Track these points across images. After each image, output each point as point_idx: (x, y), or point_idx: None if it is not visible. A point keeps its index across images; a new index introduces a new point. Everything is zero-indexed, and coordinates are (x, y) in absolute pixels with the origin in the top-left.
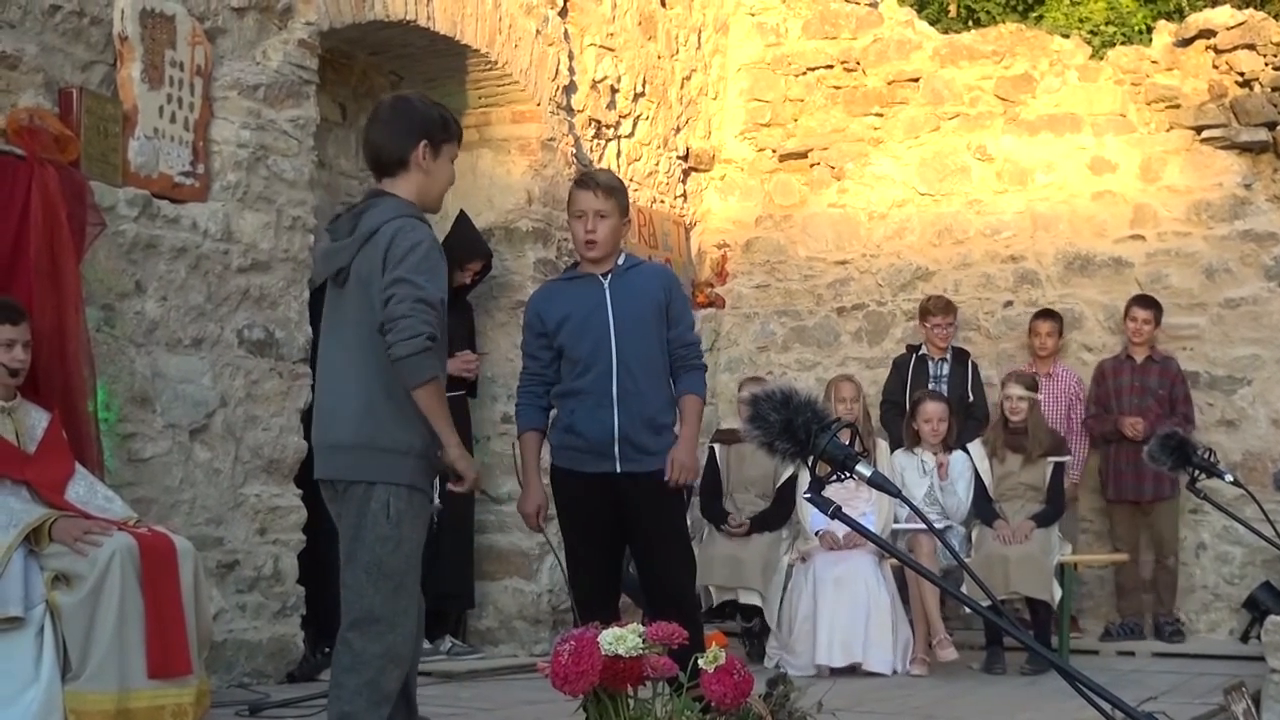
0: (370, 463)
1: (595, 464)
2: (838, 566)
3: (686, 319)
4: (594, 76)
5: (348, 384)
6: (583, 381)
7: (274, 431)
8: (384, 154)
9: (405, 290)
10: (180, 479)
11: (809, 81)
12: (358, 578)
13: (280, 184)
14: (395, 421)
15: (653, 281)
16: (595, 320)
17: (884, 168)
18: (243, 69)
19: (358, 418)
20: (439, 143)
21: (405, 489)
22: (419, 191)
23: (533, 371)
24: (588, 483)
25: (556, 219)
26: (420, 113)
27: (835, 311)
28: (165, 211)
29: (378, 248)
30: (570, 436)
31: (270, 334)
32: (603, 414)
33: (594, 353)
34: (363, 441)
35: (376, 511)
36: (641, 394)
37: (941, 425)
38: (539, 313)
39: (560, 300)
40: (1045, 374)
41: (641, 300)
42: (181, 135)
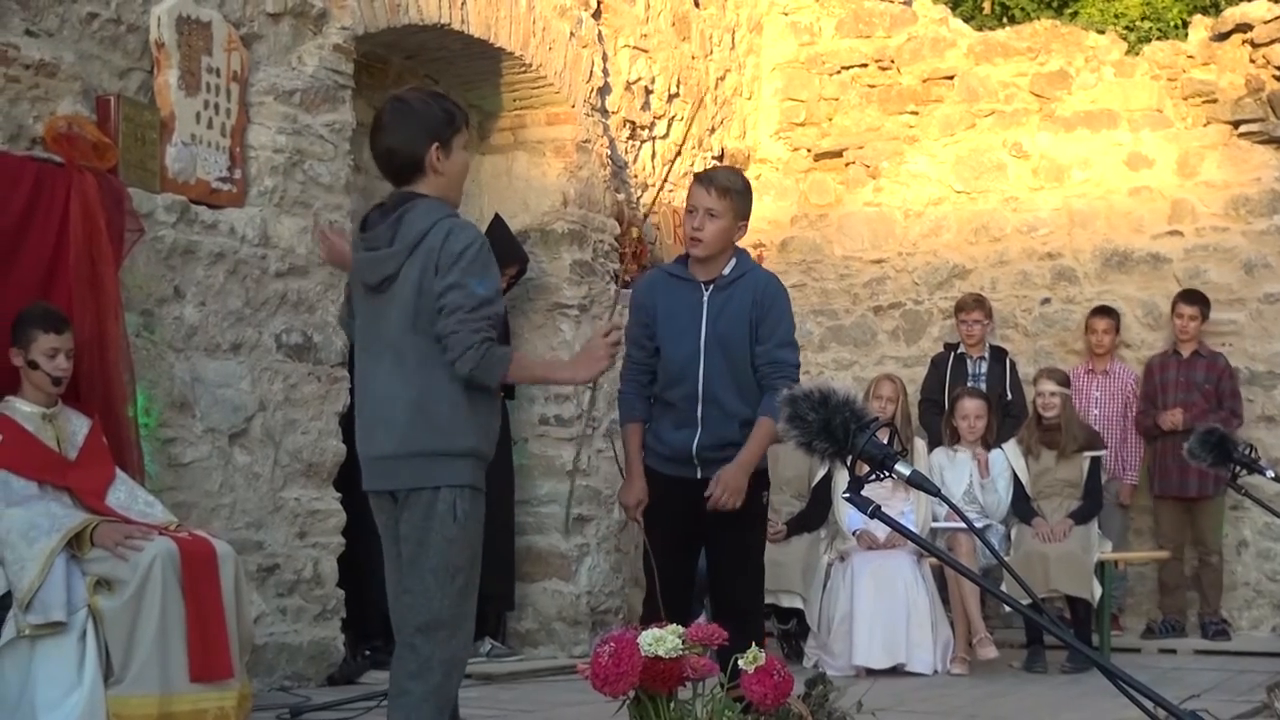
0: (432, 468)
1: (677, 469)
2: (876, 566)
3: (780, 334)
4: (628, 78)
5: (397, 392)
6: (672, 395)
7: (312, 435)
8: (397, 161)
9: (455, 298)
10: (220, 483)
11: (843, 80)
12: (424, 581)
13: (317, 188)
14: (451, 425)
15: (748, 295)
16: (688, 333)
17: (919, 166)
18: (278, 74)
19: (411, 425)
20: (449, 140)
21: (469, 490)
22: (440, 192)
23: (637, 360)
24: (672, 483)
25: (592, 221)
26: (423, 114)
27: (872, 310)
28: (203, 217)
29: (430, 251)
30: (655, 441)
31: (308, 338)
32: (686, 433)
33: (683, 368)
34: (420, 449)
35: (444, 513)
36: (726, 416)
37: (979, 422)
38: (643, 302)
39: (663, 298)
40: (1102, 371)
41: (735, 318)
42: (218, 141)
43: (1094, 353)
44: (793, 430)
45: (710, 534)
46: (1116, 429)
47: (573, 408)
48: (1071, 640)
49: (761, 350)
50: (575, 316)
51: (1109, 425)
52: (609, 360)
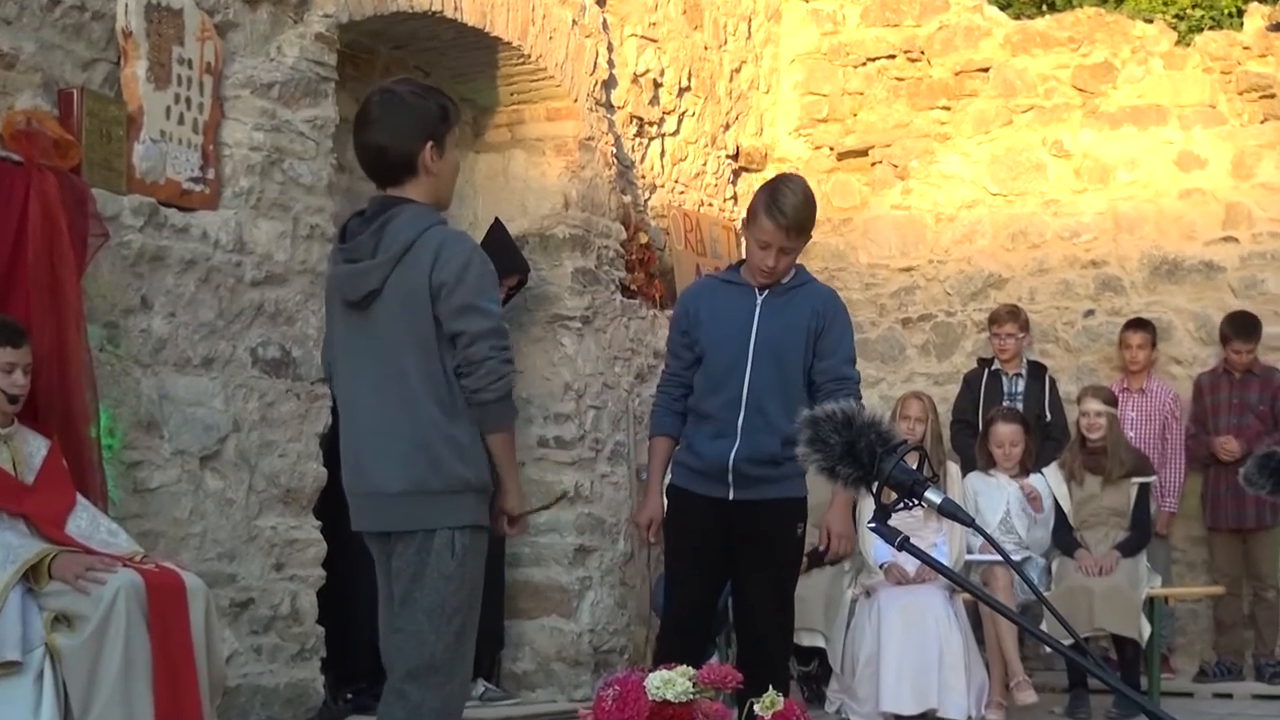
0: (428, 509)
1: (708, 487)
2: (905, 602)
3: (844, 350)
4: (635, 70)
5: (390, 421)
6: (710, 404)
7: (291, 458)
8: (387, 160)
9: (478, 324)
10: (190, 510)
11: (869, 73)
12: (418, 622)
13: (297, 189)
14: (451, 456)
15: (808, 304)
16: (737, 337)
17: (952, 166)
18: (256, 66)
19: (407, 458)
20: (443, 137)
21: (468, 528)
22: (431, 195)
23: (674, 372)
24: (700, 504)
25: (596, 225)
26: (417, 109)
27: (900, 323)
28: (173, 220)
29: (419, 265)
30: (688, 455)
31: (287, 352)
32: (723, 444)
33: (728, 373)
34: (416, 486)
35: (441, 549)
36: (770, 428)
37: (1015, 449)
38: (687, 310)
39: (710, 302)
40: (1138, 390)
41: (791, 325)
42: (190, 138)
43: (1129, 370)
44: (814, 454)
45: (740, 568)
46: (1154, 452)
47: (574, 428)
48: (1118, 684)
49: (825, 366)
50: (578, 329)
51: (1145, 448)
52: (517, 533)
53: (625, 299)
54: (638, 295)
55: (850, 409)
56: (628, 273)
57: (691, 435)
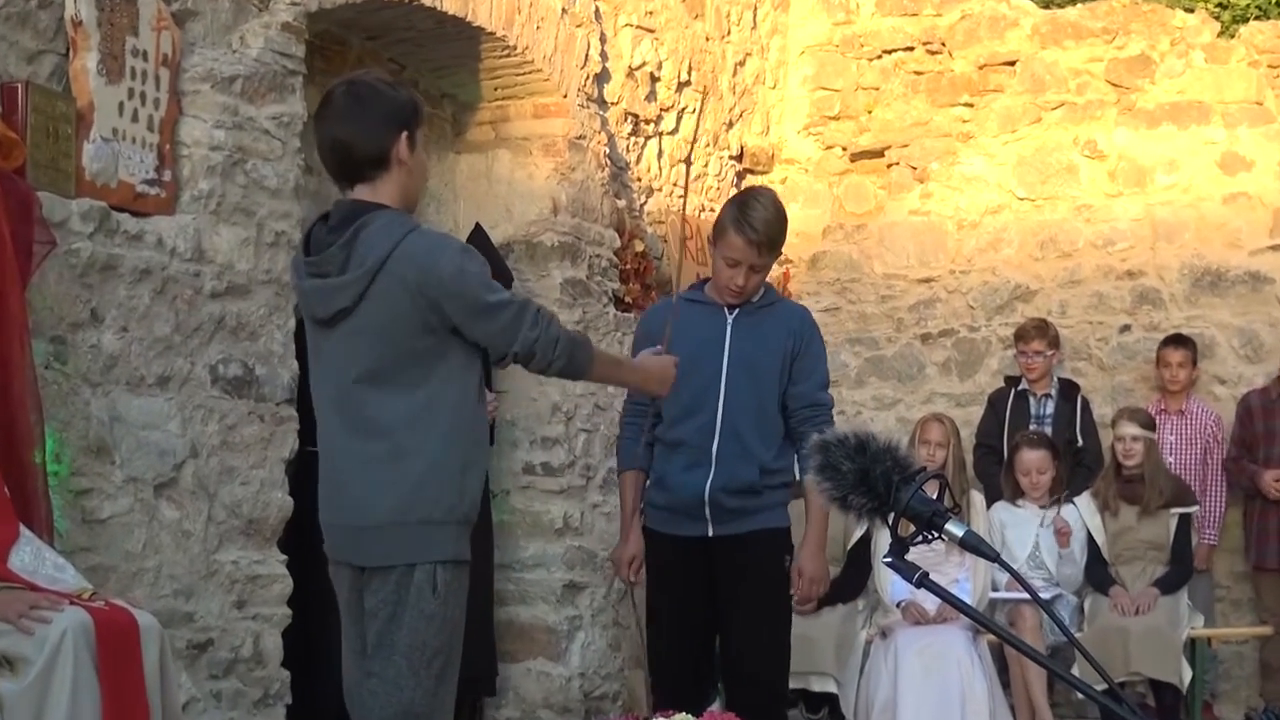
0: (409, 542)
1: (686, 526)
2: (925, 644)
3: (819, 375)
4: (630, 63)
5: (360, 448)
6: (681, 431)
7: (254, 486)
8: (357, 155)
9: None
10: (143, 543)
11: (885, 66)
12: (395, 666)
13: (261, 193)
14: (434, 483)
15: (782, 324)
16: (708, 358)
17: (975, 167)
18: (217, 58)
19: (381, 488)
20: (415, 131)
21: (450, 563)
22: (402, 193)
23: (638, 401)
24: (679, 546)
25: (587, 231)
26: (390, 99)
27: (919, 339)
28: (126, 226)
29: (401, 279)
30: (660, 492)
31: (249, 370)
32: (696, 474)
33: (699, 397)
34: (397, 516)
35: (421, 584)
36: (747, 455)
37: (1043, 477)
38: (649, 332)
39: (677, 323)
40: (1177, 411)
41: (766, 346)
42: (145, 137)
43: (1167, 390)
44: (824, 482)
45: (726, 608)
46: (1193, 480)
47: (563, 453)
48: None
49: (800, 391)
50: None
51: (1183, 475)
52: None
53: (619, 313)
54: (633, 309)
55: (864, 433)
56: (622, 284)
57: (661, 469)
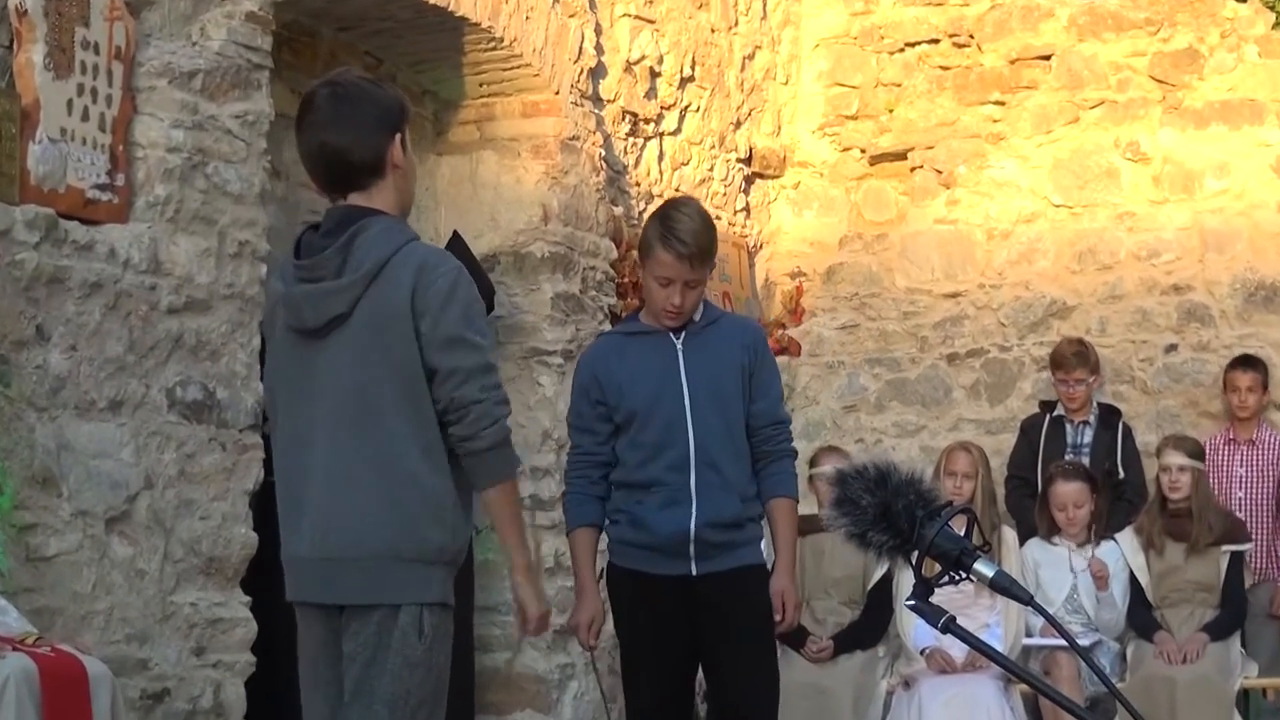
0: (395, 579)
1: (665, 565)
2: (952, 694)
3: (775, 390)
4: (628, 56)
5: (353, 471)
6: (653, 470)
7: (215, 520)
8: (352, 162)
9: (466, 359)
10: (93, 583)
11: (908, 60)
12: (376, 715)
13: (223, 199)
14: (427, 517)
15: (734, 340)
16: (667, 391)
17: (1007, 171)
18: (175, 51)
19: (371, 517)
20: (405, 131)
21: (437, 606)
22: (398, 199)
23: (586, 450)
24: (656, 585)
25: (581, 241)
26: (379, 100)
27: (945, 359)
28: (75, 236)
29: (397, 286)
30: (634, 531)
31: (210, 394)
32: (678, 512)
33: (666, 434)
34: (381, 550)
35: (406, 627)
36: (726, 485)
37: (1080, 512)
38: (595, 375)
39: (621, 361)
40: (1247, 441)
41: (723, 365)
42: (96, 137)
43: (1236, 416)
44: (842, 518)
45: (710, 652)
46: (1266, 515)
47: (554, 485)
48: None
49: (760, 409)
50: (559, 366)
51: (1255, 510)
52: (540, 631)
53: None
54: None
55: (885, 463)
56: (619, 299)
57: (630, 509)
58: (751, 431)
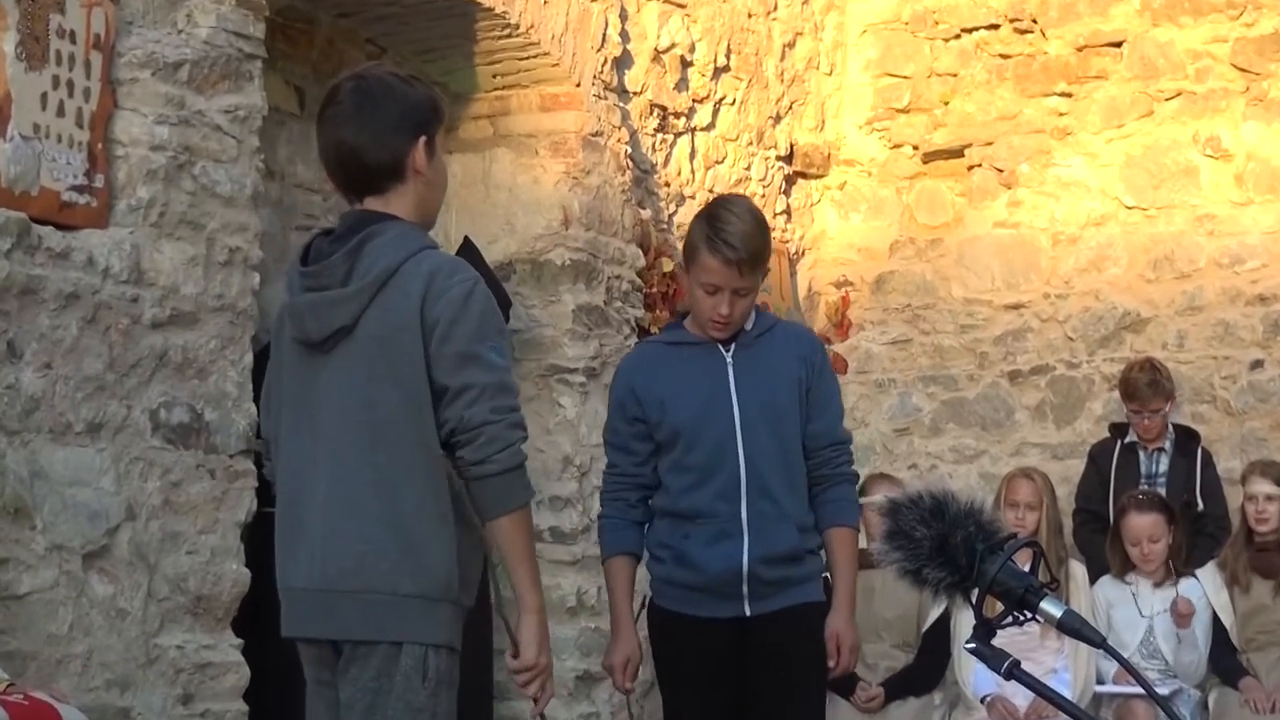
0: (397, 615)
1: (715, 606)
2: None
3: (834, 406)
4: (657, 44)
5: (355, 496)
6: (698, 499)
7: (203, 555)
8: (368, 162)
9: (479, 377)
10: (70, 624)
11: (964, 48)
12: None
13: (212, 201)
14: (435, 550)
15: (790, 351)
16: (715, 409)
17: (1074, 170)
18: (159, 40)
19: (372, 546)
20: (434, 135)
21: (444, 649)
22: (418, 207)
23: (622, 471)
24: (706, 629)
25: (605, 248)
26: (405, 96)
27: (1006, 377)
28: (50, 242)
29: (407, 297)
30: (680, 570)
31: (198, 415)
32: (728, 545)
33: (714, 457)
34: (381, 582)
35: (409, 670)
36: (781, 515)
37: (1156, 547)
38: (633, 388)
39: (663, 373)
40: None
41: (777, 380)
42: (73, 134)
43: None
44: (894, 552)
45: (760, 695)
46: None
47: (575, 516)
48: None
49: (818, 428)
50: (581, 385)
51: None
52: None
53: None
54: None
55: (941, 492)
56: (646, 311)
57: (675, 544)
58: (808, 453)
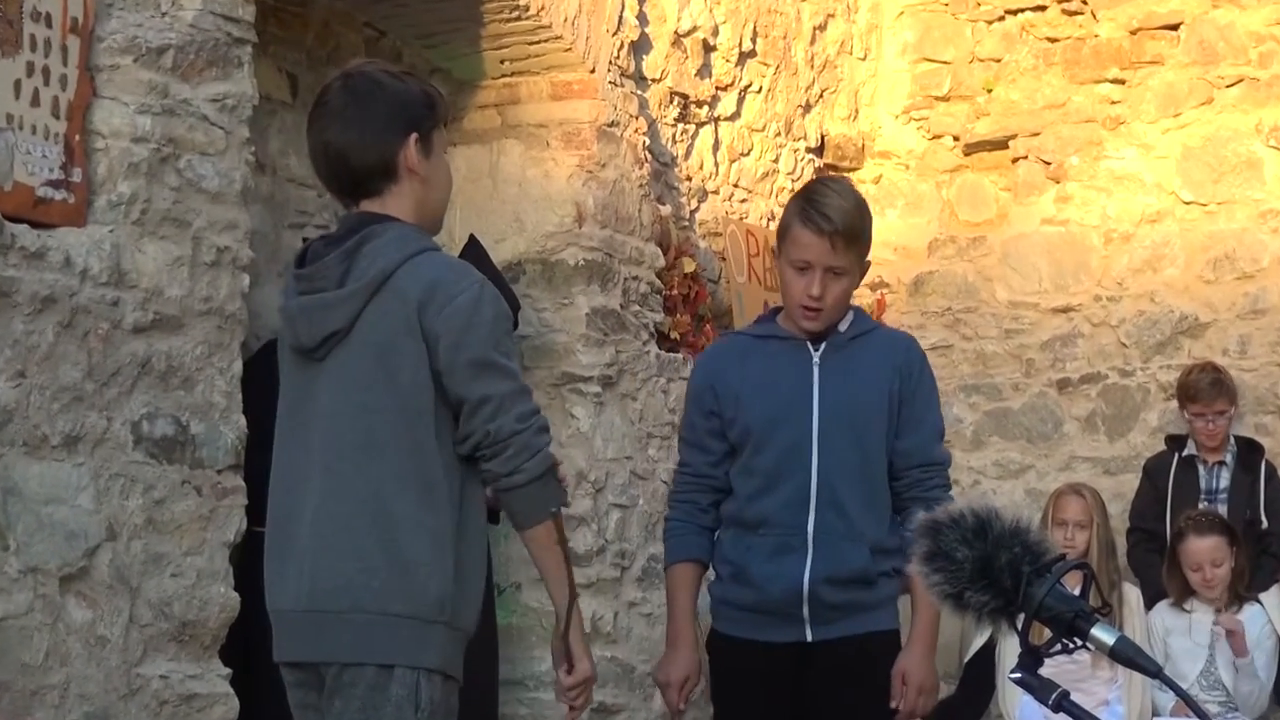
0: (385, 635)
1: (774, 629)
2: None
3: (930, 424)
4: (677, 27)
5: (342, 512)
6: (764, 507)
7: (189, 578)
8: (355, 163)
9: (498, 386)
10: (45, 652)
11: (1008, 31)
12: None
13: (198, 197)
14: (419, 566)
15: (884, 358)
16: (793, 411)
17: (1128, 163)
18: (141, 23)
19: (362, 564)
20: (429, 132)
21: (438, 676)
22: (417, 209)
23: (695, 471)
24: (762, 653)
25: (622, 247)
26: (393, 93)
27: (1054, 386)
28: (24, 241)
29: (403, 301)
30: (737, 588)
31: (183, 428)
32: (789, 561)
33: (784, 461)
34: (369, 601)
35: (400, 699)
36: (852, 533)
37: (1218, 570)
38: (712, 381)
39: (744, 367)
40: None
41: (866, 388)
42: (49, 125)
43: None
44: (935, 575)
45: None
46: None
47: (590, 536)
48: None
49: (909, 446)
50: (596, 395)
51: None
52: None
53: (664, 352)
54: (681, 346)
55: (985, 510)
56: (666, 315)
57: (737, 558)
58: (896, 473)
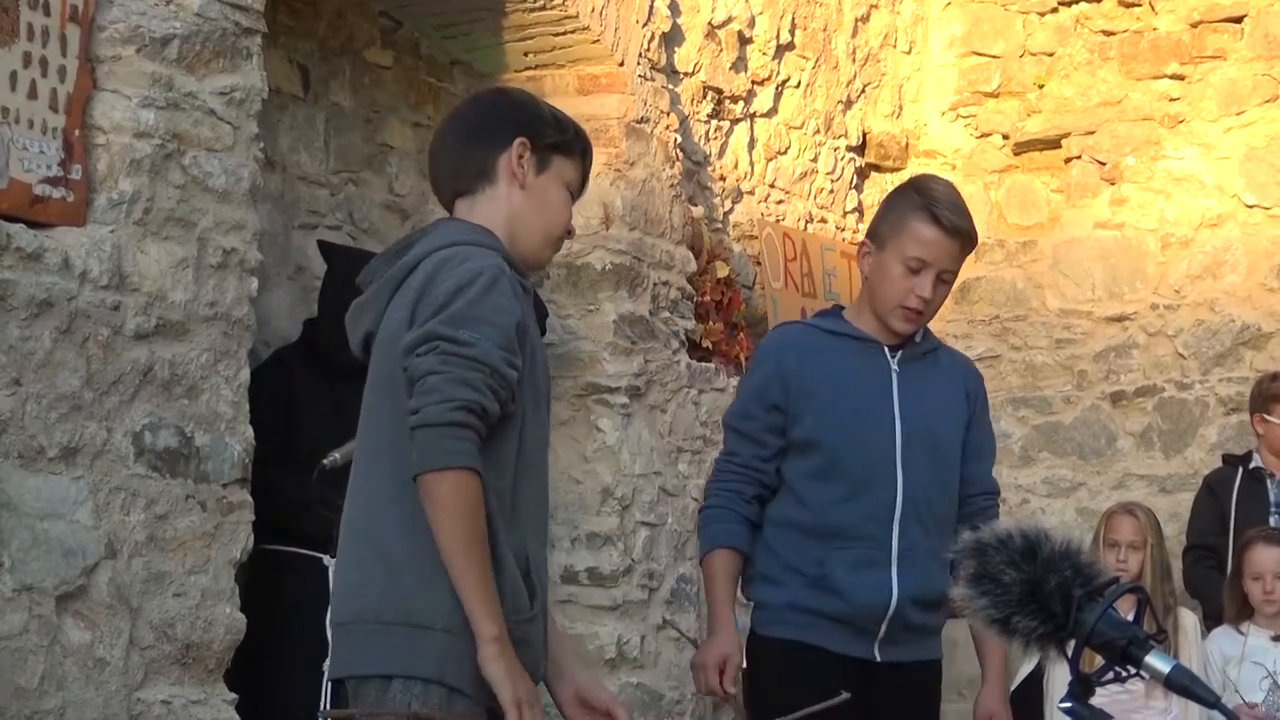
0: (380, 645)
1: (847, 641)
2: None
3: (989, 452)
4: (711, 18)
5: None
6: (846, 515)
7: (192, 598)
8: (453, 159)
9: (441, 327)
10: (41, 675)
11: (1062, 24)
12: None
13: (204, 196)
14: (414, 573)
15: (956, 380)
16: (876, 417)
17: (1188, 164)
18: (145, 12)
19: (362, 571)
20: (547, 147)
21: (441, 688)
22: (508, 218)
23: (744, 463)
24: (825, 664)
25: (651, 250)
26: (515, 102)
27: (1108, 399)
28: (20, 242)
29: (409, 294)
30: (818, 596)
31: (187, 439)
32: (875, 575)
33: (868, 471)
34: (367, 611)
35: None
36: (934, 553)
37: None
38: (781, 371)
39: (819, 362)
40: None
41: (942, 405)
42: (47, 119)
43: None
44: (981, 598)
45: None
46: None
47: (616, 555)
48: None
49: (972, 474)
50: (623, 406)
51: None
52: None
53: (694, 361)
54: (712, 356)
55: (1033, 531)
56: (698, 322)
57: (808, 568)
58: (961, 501)
